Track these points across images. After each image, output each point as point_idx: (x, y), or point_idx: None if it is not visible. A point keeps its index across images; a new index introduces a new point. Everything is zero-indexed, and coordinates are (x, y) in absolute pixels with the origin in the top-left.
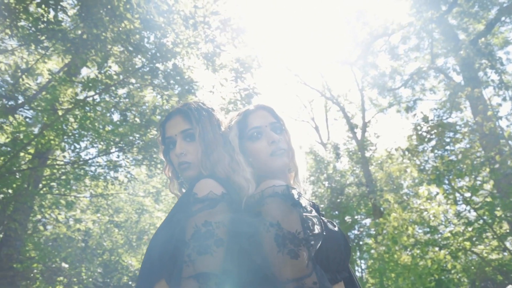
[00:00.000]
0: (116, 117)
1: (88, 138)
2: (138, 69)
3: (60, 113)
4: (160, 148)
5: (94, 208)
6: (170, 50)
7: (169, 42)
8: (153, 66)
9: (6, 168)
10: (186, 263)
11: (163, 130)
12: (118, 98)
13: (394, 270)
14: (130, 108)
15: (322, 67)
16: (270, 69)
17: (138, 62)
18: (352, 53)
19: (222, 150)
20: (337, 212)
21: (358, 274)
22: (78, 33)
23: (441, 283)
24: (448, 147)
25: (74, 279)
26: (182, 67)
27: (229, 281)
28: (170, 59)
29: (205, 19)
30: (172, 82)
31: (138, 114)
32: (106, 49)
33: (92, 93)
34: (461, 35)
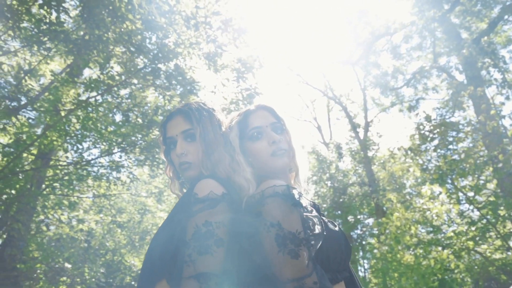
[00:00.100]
0: (118, 117)
1: (90, 139)
2: (140, 69)
3: (62, 114)
4: (161, 148)
5: (96, 208)
6: (172, 50)
7: (170, 42)
8: (155, 67)
9: (9, 169)
10: (187, 263)
11: (164, 130)
12: (120, 99)
13: (397, 269)
14: (132, 108)
15: (324, 67)
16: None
17: (140, 62)
18: (354, 52)
19: (223, 150)
20: (339, 211)
21: (361, 274)
22: (80, 34)
23: (444, 283)
24: (451, 146)
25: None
26: (184, 68)
27: (229, 281)
28: (172, 60)
29: (206, 20)
30: (174, 82)
31: (140, 115)
32: (108, 50)
33: (94, 93)
34: (463, 34)
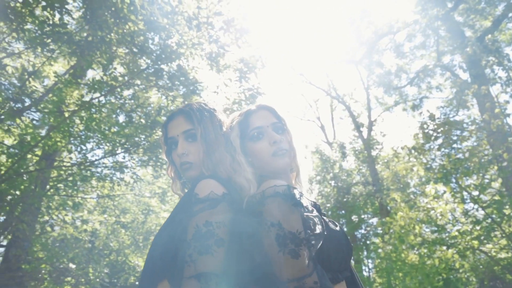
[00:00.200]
0: (121, 118)
1: (94, 140)
2: (143, 70)
3: (66, 115)
4: (162, 148)
5: (101, 209)
6: (174, 51)
7: (173, 43)
8: (157, 67)
9: (14, 170)
10: (187, 263)
11: (166, 130)
12: (123, 100)
13: (401, 269)
14: (136, 109)
15: (327, 66)
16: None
17: (143, 63)
18: (357, 51)
19: (224, 150)
20: (343, 211)
21: (365, 274)
22: (83, 35)
23: (449, 283)
24: (455, 145)
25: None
26: (186, 68)
27: (230, 281)
28: (175, 60)
29: (208, 20)
30: (176, 83)
31: (144, 115)
32: (111, 51)
33: (97, 94)
34: (467, 32)
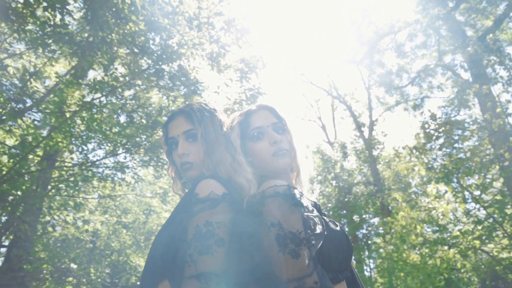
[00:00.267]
0: (122, 118)
1: (95, 140)
2: (144, 70)
3: (67, 115)
4: (163, 148)
5: (102, 209)
6: (175, 51)
7: (174, 43)
8: (158, 68)
9: (15, 170)
10: (188, 263)
11: (166, 130)
12: (124, 100)
13: (403, 269)
14: (137, 109)
15: (328, 66)
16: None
17: (144, 63)
18: (358, 51)
19: (224, 150)
20: (345, 211)
21: (366, 274)
22: (84, 36)
23: (450, 282)
24: (456, 145)
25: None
26: (187, 68)
27: (230, 280)
28: (175, 60)
29: (209, 20)
30: (177, 83)
31: (145, 116)
32: (112, 51)
33: (98, 95)
34: (468, 32)
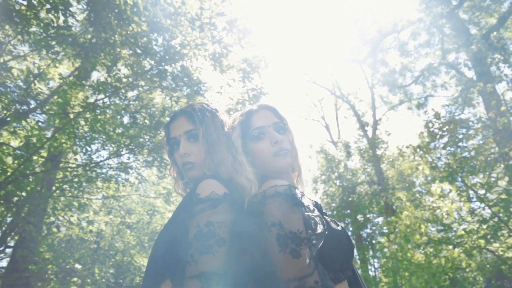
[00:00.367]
0: (126, 119)
1: (99, 141)
2: (147, 71)
3: (71, 116)
4: (165, 148)
5: (106, 209)
6: (177, 52)
7: (176, 44)
8: (161, 68)
9: (20, 171)
10: (189, 263)
11: (168, 131)
12: (127, 101)
13: (407, 268)
14: (140, 110)
15: (331, 66)
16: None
17: (147, 64)
18: (361, 50)
19: (225, 150)
20: (349, 210)
21: (371, 273)
22: (88, 37)
23: (455, 282)
24: (460, 144)
25: (88, 280)
26: (190, 69)
27: (231, 280)
28: (178, 61)
29: (211, 21)
30: (180, 83)
31: (148, 116)
32: (115, 52)
33: (102, 96)
34: (472, 30)
